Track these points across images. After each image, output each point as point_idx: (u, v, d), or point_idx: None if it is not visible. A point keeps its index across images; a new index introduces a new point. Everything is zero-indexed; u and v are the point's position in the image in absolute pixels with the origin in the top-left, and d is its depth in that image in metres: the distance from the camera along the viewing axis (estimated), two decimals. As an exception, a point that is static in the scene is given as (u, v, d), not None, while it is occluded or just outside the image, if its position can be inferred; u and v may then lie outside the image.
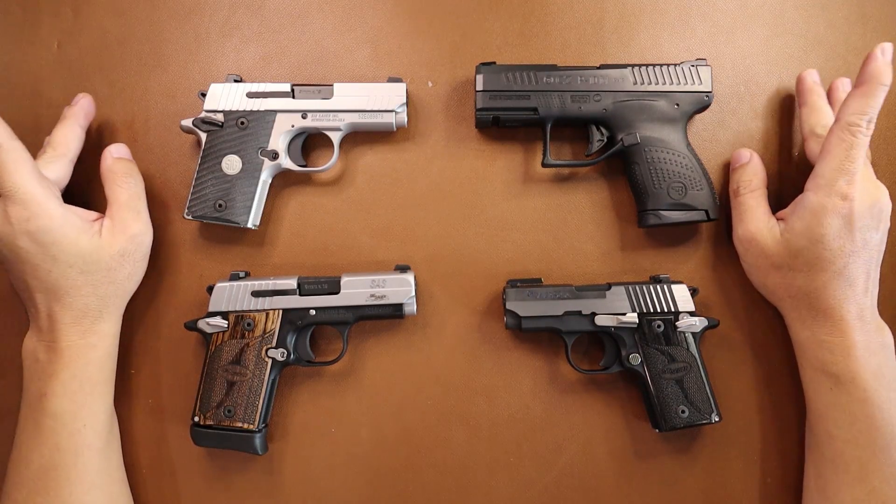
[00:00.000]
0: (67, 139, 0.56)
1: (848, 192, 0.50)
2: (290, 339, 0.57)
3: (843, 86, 0.59)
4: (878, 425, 0.50)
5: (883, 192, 0.51)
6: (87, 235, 0.52)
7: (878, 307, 0.53)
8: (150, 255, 0.58)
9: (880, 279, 0.52)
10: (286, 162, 0.59)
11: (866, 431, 0.50)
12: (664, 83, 0.58)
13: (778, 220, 0.55)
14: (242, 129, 0.58)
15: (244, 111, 0.58)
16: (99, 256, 0.53)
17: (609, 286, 0.57)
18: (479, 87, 0.58)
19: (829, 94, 0.59)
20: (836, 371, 0.51)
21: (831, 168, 0.50)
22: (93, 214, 0.55)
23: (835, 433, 0.52)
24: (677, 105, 0.58)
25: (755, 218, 0.55)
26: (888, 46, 0.50)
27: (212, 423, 0.56)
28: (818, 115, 0.57)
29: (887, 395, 0.50)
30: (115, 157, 0.57)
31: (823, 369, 0.52)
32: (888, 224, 0.52)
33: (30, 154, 0.51)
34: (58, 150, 0.55)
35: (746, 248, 0.56)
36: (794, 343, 0.56)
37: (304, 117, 0.58)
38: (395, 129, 0.60)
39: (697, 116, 0.61)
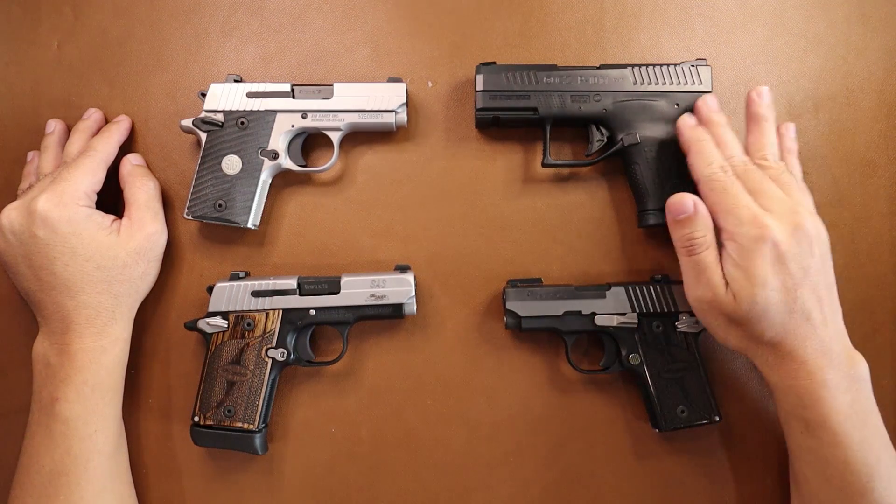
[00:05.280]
0: (112, 150, 0.58)
1: (759, 224, 0.47)
2: (290, 339, 0.57)
3: (759, 97, 0.55)
4: (853, 469, 0.47)
5: (806, 218, 0.48)
6: (106, 232, 0.54)
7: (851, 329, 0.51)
8: (151, 255, 0.59)
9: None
10: (286, 162, 0.59)
11: (840, 475, 0.48)
12: (664, 83, 0.58)
13: None
14: (242, 129, 0.58)
15: (244, 111, 0.58)
16: (116, 252, 0.54)
17: (609, 286, 0.57)
18: (479, 87, 0.58)
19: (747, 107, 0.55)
20: (806, 416, 0.49)
21: (725, 213, 0.49)
22: (110, 217, 0.56)
23: (809, 475, 0.50)
24: (677, 105, 0.58)
25: (713, 279, 0.50)
26: (687, 118, 0.55)
27: (212, 423, 0.56)
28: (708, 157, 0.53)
29: (860, 435, 0.47)
30: (134, 163, 0.59)
31: (793, 413, 0.50)
32: (826, 248, 0.50)
33: (104, 174, 0.56)
34: (103, 157, 0.57)
35: (706, 311, 0.51)
36: (767, 385, 0.52)
37: (304, 117, 0.58)
38: (395, 129, 0.60)
39: (697, 116, 0.61)
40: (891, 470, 0.48)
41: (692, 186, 0.57)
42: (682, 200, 0.51)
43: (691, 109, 0.58)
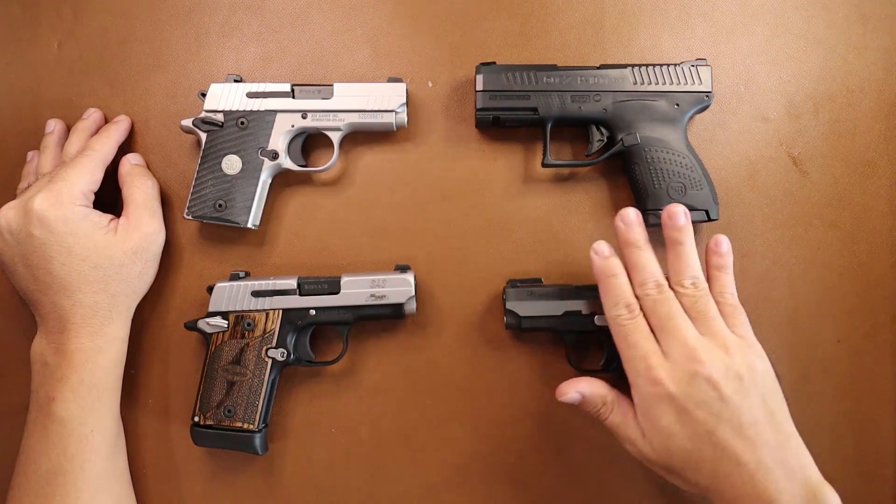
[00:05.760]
0: (110, 150, 0.58)
1: (652, 380, 0.46)
2: (290, 339, 0.57)
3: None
4: None
5: (706, 364, 0.45)
6: (102, 231, 0.54)
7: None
8: (151, 255, 0.59)
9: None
10: (286, 162, 0.59)
11: None
12: (664, 83, 0.58)
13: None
14: (242, 129, 0.58)
15: (244, 111, 0.58)
16: (112, 252, 0.54)
17: (609, 286, 0.57)
18: (479, 87, 0.58)
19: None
20: None
21: (625, 361, 0.49)
22: (108, 216, 0.56)
23: None
24: (677, 105, 0.58)
25: (628, 433, 0.49)
26: (600, 246, 0.51)
27: (212, 423, 0.56)
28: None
29: None
30: (133, 163, 0.59)
31: None
32: (748, 383, 0.46)
33: (101, 174, 0.56)
34: (101, 157, 0.57)
35: (643, 462, 0.50)
36: None
37: (304, 117, 0.58)
38: (395, 129, 0.60)
39: (697, 116, 0.61)
40: None
41: (692, 186, 0.57)
42: (566, 395, 0.52)
43: (691, 110, 0.58)
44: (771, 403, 0.46)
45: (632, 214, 0.51)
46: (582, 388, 0.51)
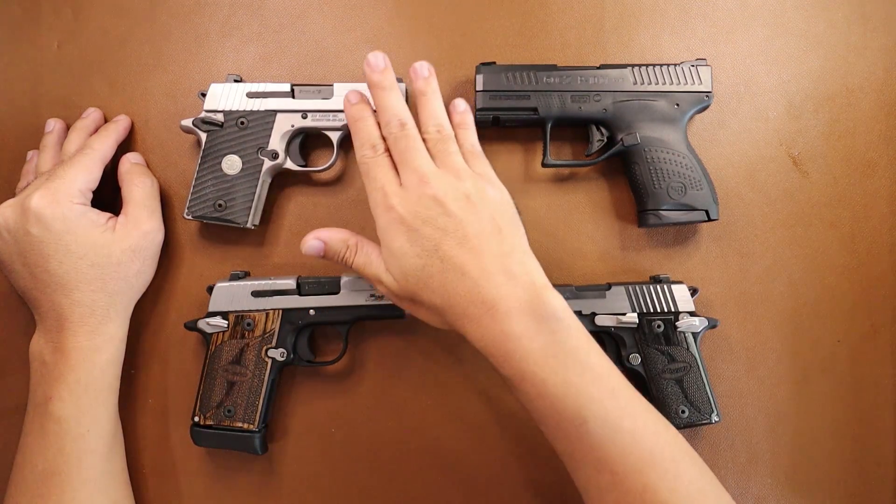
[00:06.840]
0: (109, 149, 0.58)
1: (387, 206, 0.47)
2: (290, 339, 0.57)
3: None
4: (565, 416, 0.44)
5: (432, 185, 0.47)
6: (100, 229, 0.54)
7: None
8: (150, 255, 0.59)
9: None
10: (286, 162, 0.59)
11: (554, 423, 0.45)
12: (664, 83, 0.58)
13: None
14: (242, 129, 0.58)
15: (244, 111, 0.58)
16: (110, 250, 0.54)
17: (609, 286, 0.57)
18: (479, 87, 0.58)
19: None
20: (504, 374, 0.47)
21: (369, 197, 0.49)
22: (106, 215, 0.56)
23: (539, 426, 0.48)
24: (677, 105, 0.58)
25: (374, 270, 0.50)
26: (351, 94, 0.52)
27: (212, 423, 0.56)
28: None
29: (562, 378, 0.44)
30: (133, 161, 0.59)
31: (498, 373, 0.47)
32: (475, 201, 0.47)
33: (100, 172, 0.56)
34: (100, 155, 0.57)
35: (395, 301, 0.51)
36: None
37: (304, 117, 0.58)
38: (395, 129, 0.60)
39: (697, 116, 0.61)
40: (606, 404, 0.44)
41: (692, 186, 0.57)
42: (306, 244, 0.51)
43: (691, 110, 0.58)
44: (500, 221, 0.48)
45: (379, 59, 0.50)
46: (323, 235, 0.51)
